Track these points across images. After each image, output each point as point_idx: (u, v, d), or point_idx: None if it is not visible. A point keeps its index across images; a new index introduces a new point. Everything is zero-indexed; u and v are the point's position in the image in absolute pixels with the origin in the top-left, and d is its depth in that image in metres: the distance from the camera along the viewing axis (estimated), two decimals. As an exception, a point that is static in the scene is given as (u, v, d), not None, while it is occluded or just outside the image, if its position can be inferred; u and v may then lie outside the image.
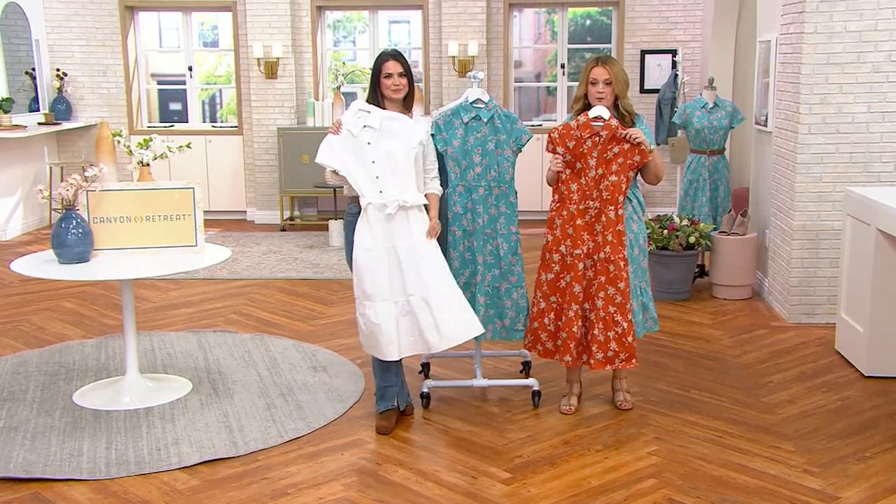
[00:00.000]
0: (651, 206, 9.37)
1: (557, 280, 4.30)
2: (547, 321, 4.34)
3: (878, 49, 5.52)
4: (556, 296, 4.31)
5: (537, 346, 4.40)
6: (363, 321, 4.13)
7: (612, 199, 4.20)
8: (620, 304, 4.20)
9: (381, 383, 4.26)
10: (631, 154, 4.19)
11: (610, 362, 4.25)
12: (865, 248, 4.84)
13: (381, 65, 4.20)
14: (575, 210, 4.23)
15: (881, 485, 3.63)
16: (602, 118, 4.19)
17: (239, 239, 8.98)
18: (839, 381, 4.83)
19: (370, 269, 4.06)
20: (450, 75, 9.65)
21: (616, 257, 4.19)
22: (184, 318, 6.17)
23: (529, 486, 3.64)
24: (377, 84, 4.22)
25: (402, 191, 4.08)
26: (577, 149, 4.22)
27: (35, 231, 9.40)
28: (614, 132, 4.18)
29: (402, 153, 4.10)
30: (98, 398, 4.58)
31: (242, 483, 3.68)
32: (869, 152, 5.64)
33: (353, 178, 4.09)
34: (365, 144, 4.09)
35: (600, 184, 4.21)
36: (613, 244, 4.19)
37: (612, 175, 4.19)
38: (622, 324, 4.20)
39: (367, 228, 4.08)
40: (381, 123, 4.11)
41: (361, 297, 4.12)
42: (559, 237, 4.28)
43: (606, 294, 4.21)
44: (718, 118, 6.97)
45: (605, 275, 4.21)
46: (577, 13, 10.36)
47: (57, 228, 4.42)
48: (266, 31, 9.64)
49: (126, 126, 10.07)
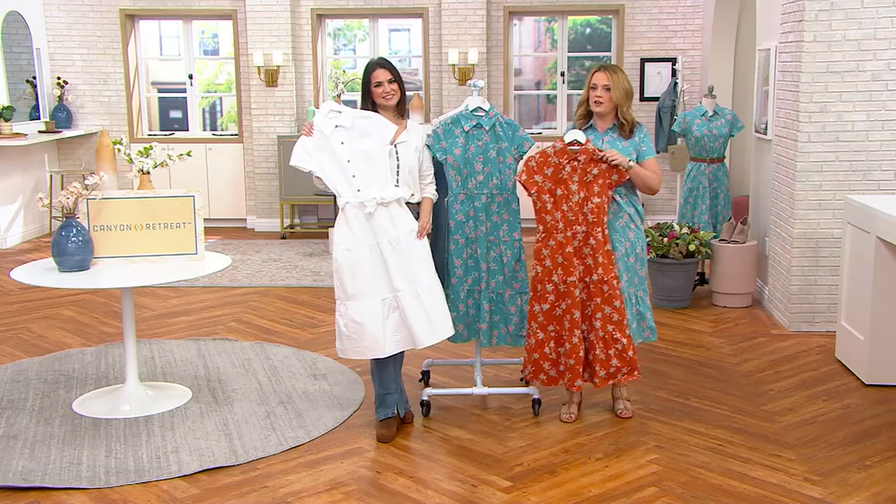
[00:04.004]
0: (651, 214, 9.38)
1: (553, 309, 4.29)
2: (548, 350, 4.33)
3: (877, 58, 5.53)
4: (554, 324, 4.30)
5: (539, 375, 4.38)
6: (343, 322, 4.12)
7: (598, 220, 4.21)
8: (618, 321, 4.23)
9: (381, 391, 4.25)
10: (609, 174, 4.21)
11: (613, 377, 4.30)
12: (865, 256, 4.84)
13: (369, 75, 4.21)
14: (562, 238, 4.23)
15: (882, 493, 3.62)
16: (578, 142, 4.21)
17: (239, 247, 8.99)
18: (840, 389, 4.82)
19: (351, 268, 4.07)
20: (450, 83, 9.66)
21: (609, 277, 4.20)
22: (184, 326, 6.16)
23: (529, 494, 3.63)
24: (368, 94, 4.24)
25: (380, 188, 4.10)
26: (557, 175, 4.23)
27: (35, 239, 9.40)
28: (592, 155, 4.20)
29: (377, 150, 4.12)
30: (98, 406, 4.57)
31: (242, 491, 3.67)
32: (868, 160, 5.64)
33: (330, 178, 4.12)
34: (338, 144, 4.11)
35: (584, 207, 4.22)
36: (605, 265, 4.20)
37: (595, 197, 4.20)
38: (621, 340, 4.24)
39: (346, 228, 4.10)
40: (352, 122, 4.14)
41: (342, 297, 4.12)
42: (549, 268, 4.26)
43: (604, 314, 4.23)
44: (718, 126, 6.98)
45: (600, 296, 4.22)
46: (577, 21, 10.38)
47: (57, 236, 4.42)
48: (266, 39, 9.66)
49: (126, 134, 10.08)
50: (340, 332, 4.16)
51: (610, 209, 4.27)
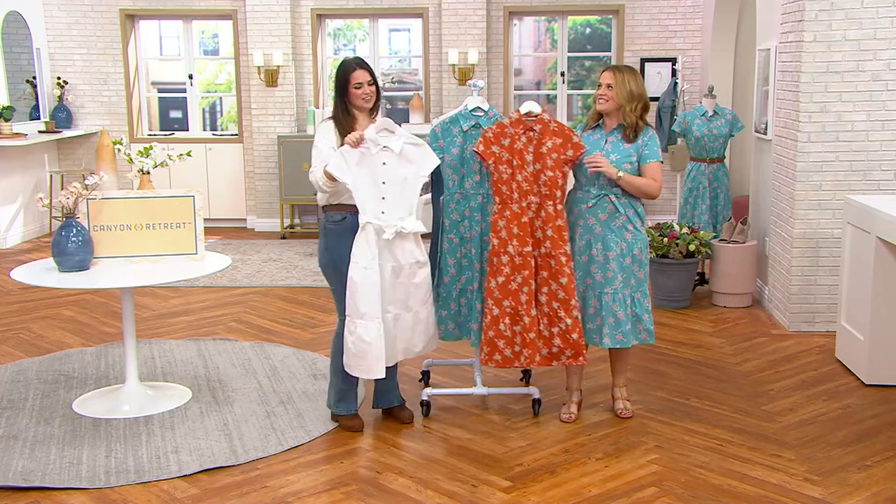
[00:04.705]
0: (651, 214, 9.38)
1: (508, 282, 4.21)
2: (503, 327, 4.24)
3: (877, 58, 5.54)
4: (510, 299, 4.22)
5: (494, 356, 4.27)
6: (352, 340, 4.08)
7: (550, 194, 4.20)
8: (563, 299, 4.18)
9: (343, 385, 4.28)
10: (563, 149, 4.21)
11: (556, 358, 4.25)
12: (865, 256, 4.84)
13: (349, 75, 4.12)
14: (517, 208, 4.21)
15: (882, 493, 3.62)
16: (533, 113, 4.23)
17: (239, 247, 8.99)
18: (840, 389, 4.82)
19: (366, 287, 4.04)
20: (450, 83, 9.66)
21: (557, 252, 4.17)
22: (184, 326, 6.16)
23: (529, 494, 3.63)
24: (346, 94, 4.15)
25: (402, 216, 4.10)
26: (512, 145, 4.23)
27: (35, 239, 9.40)
28: (547, 125, 4.22)
29: (414, 179, 4.13)
30: (98, 406, 4.57)
31: (242, 491, 3.67)
32: (868, 160, 5.64)
33: (359, 193, 4.05)
34: (380, 164, 4.07)
35: (539, 179, 4.21)
36: (554, 239, 4.18)
37: (549, 170, 4.20)
38: (565, 320, 4.18)
39: (366, 246, 4.06)
40: (401, 148, 4.10)
41: (354, 315, 4.08)
42: (505, 238, 4.21)
43: (549, 289, 4.21)
44: (718, 126, 6.98)
45: (547, 270, 4.20)
46: (577, 21, 10.39)
47: (57, 236, 4.42)
48: (266, 39, 9.66)
49: (126, 134, 10.08)
50: (347, 350, 4.14)
51: (606, 209, 4.26)
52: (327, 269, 4.24)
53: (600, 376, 4.94)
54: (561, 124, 4.27)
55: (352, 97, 4.15)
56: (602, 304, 4.26)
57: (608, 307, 4.25)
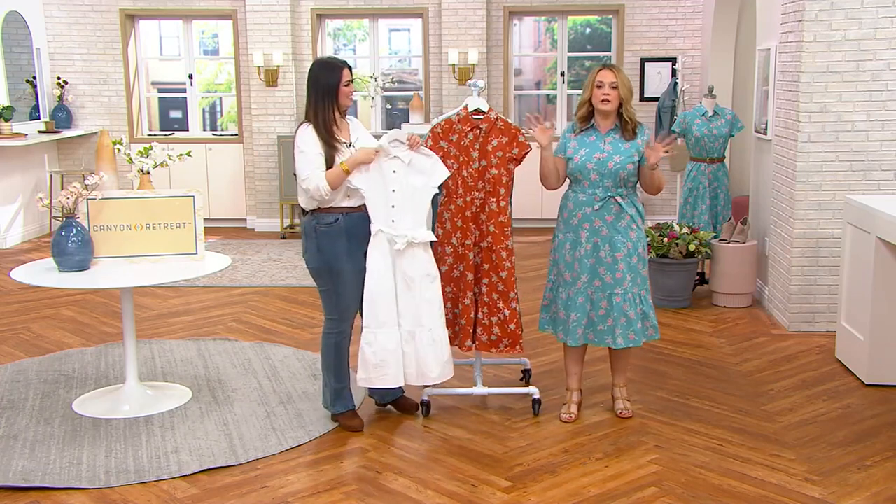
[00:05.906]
0: (651, 213, 9.38)
1: (451, 271, 4.41)
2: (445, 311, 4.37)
3: (877, 58, 5.54)
4: (452, 286, 4.41)
5: None
6: (372, 350, 4.11)
7: (494, 190, 4.35)
8: (503, 291, 4.37)
9: (338, 385, 4.29)
10: (509, 147, 4.33)
11: (494, 346, 4.44)
12: (865, 256, 4.84)
13: (339, 74, 4.10)
14: (462, 203, 4.35)
15: (882, 493, 3.62)
16: (481, 111, 4.33)
17: (239, 247, 8.99)
18: (840, 389, 4.82)
19: (382, 296, 4.08)
20: (450, 83, 9.66)
21: (498, 247, 4.34)
22: (184, 326, 6.16)
23: (529, 494, 3.63)
24: (335, 94, 4.10)
25: (412, 226, 4.12)
26: (460, 142, 4.34)
27: (35, 239, 9.40)
28: (494, 123, 4.32)
29: (424, 189, 4.17)
30: (98, 406, 4.57)
31: (242, 491, 3.67)
32: (868, 160, 5.64)
33: (371, 199, 4.09)
34: (390, 172, 4.11)
35: (484, 175, 4.34)
36: (496, 234, 4.34)
37: (493, 168, 4.33)
38: (504, 311, 4.37)
39: (380, 255, 4.09)
40: (411, 159, 4.15)
41: (372, 325, 4.11)
42: (450, 230, 4.38)
43: (490, 281, 4.38)
44: (718, 126, 6.98)
45: (488, 262, 4.37)
46: (577, 21, 10.39)
47: (57, 236, 4.42)
48: (266, 39, 9.66)
49: (126, 134, 10.08)
50: (366, 361, 4.14)
51: (612, 210, 4.26)
52: (321, 271, 4.18)
53: (600, 376, 4.94)
54: (508, 123, 4.38)
55: (341, 95, 4.13)
56: (613, 305, 4.26)
57: (619, 307, 4.26)
